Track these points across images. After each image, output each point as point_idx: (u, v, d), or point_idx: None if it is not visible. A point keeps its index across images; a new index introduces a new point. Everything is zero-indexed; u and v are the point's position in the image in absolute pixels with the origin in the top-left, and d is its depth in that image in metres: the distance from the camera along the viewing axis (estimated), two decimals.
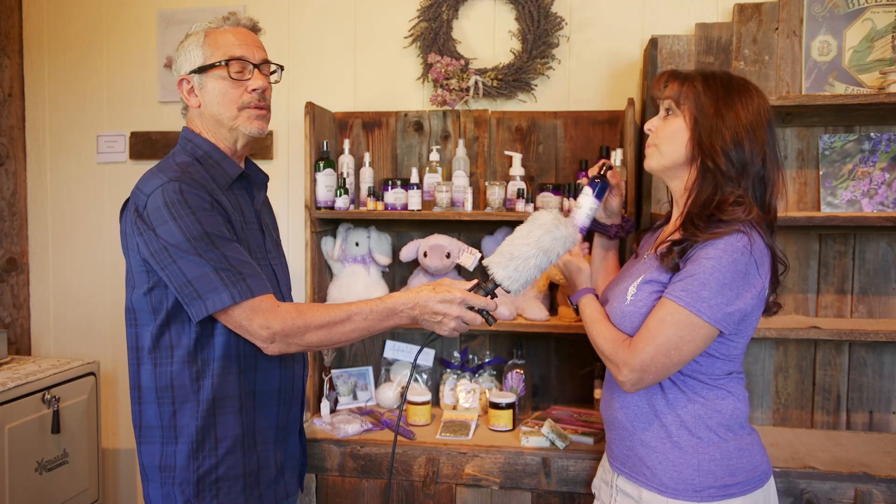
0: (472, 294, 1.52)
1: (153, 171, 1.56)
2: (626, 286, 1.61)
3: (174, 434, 1.57)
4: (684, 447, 1.54)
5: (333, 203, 2.49)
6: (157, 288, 1.54)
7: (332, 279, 2.64)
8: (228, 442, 1.59)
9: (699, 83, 1.54)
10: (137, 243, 1.52)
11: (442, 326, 1.53)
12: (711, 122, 1.51)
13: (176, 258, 1.47)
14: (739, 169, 1.50)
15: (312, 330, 1.50)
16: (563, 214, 1.58)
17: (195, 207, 1.49)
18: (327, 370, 2.57)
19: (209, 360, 1.57)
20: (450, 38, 2.67)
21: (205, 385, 1.57)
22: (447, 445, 2.24)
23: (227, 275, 1.47)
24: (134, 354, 1.61)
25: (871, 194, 2.35)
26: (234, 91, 1.61)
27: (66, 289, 3.05)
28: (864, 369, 2.42)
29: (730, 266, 1.44)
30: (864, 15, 2.32)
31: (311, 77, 2.79)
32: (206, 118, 1.64)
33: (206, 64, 1.60)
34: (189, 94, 1.64)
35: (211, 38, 1.62)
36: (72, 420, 2.61)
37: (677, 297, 1.45)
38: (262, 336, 1.50)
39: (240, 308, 1.48)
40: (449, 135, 2.68)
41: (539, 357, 2.67)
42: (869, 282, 2.41)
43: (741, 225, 1.47)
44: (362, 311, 1.52)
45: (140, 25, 2.92)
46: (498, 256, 1.54)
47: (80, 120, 2.99)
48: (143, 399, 1.60)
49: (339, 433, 2.32)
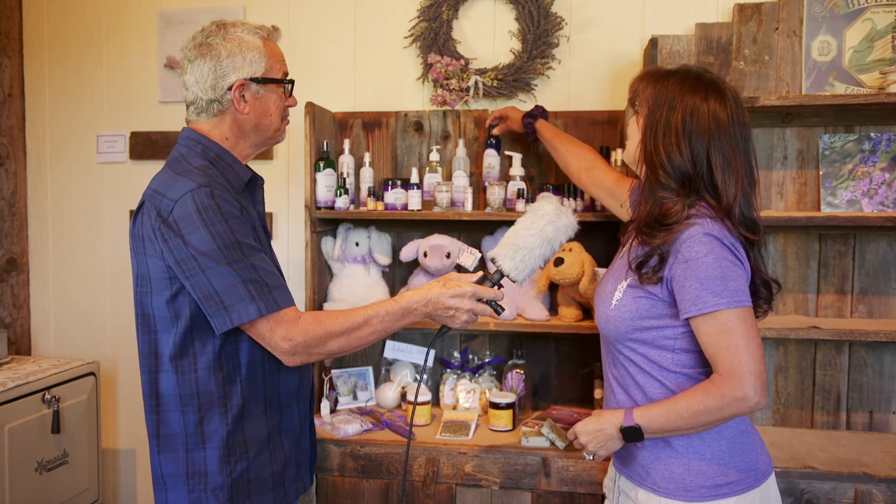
0: (481, 287, 1.57)
1: (172, 175, 1.52)
2: (611, 289, 1.61)
3: (202, 440, 1.56)
4: (675, 446, 1.54)
5: (333, 203, 2.48)
6: (181, 295, 1.52)
7: (332, 279, 2.64)
8: (257, 444, 1.60)
9: (651, 87, 1.56)
10: (162, 250, 1.49)
11: (454, 320, 1.58)
12: (655, 130, 1.53)
13: (205, 268, 1.45)
14: (680, 182, 1.51)
15: (333, 338, 1.52)
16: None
17: (227, 214, 1.47)
18: (327, 370, 2.57)
19: (236, 365, 1.57)
20: (450, 38, 2.67)
21: (233, 390, 1.56)
22: (447, 445, 2.24)
23: (254, 287, 1.46)
24: (151, 362, 1.58)
25: (871, 194, 2.35)
26: (282, 104, 1.65)
27: (65, 289, 3.04)
28: (864, 369, 2.42)
29: (721, 249, 1.44)
30: (864, 15, 2.32)
31: (311, 77, 2.78)
32: (244, 125, 1.61)
33: (270, 77, 1.60)
34: (240, 99, 1.59)
35: (268, 49, 1.62)
36: (72, 420, 2.61)
37: (716, 304, 1.43)
38: (284, 349, 1.50)
39: (264, 320, 1.48)
40: (449, 135, 2.67)
41: (539, 357, 2.67)
42: (869, 282, 2.41)
43: (696, 217, 1.48)
44: (378, 314, 1.54)
45: (140, 25, 2.92)
46: (503, 248, 1.58)
47: (80, 120, 2.99)
48: (163, 407, 1.58)
49: (340, 433, 2.32)
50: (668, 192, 1.52)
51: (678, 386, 1.53)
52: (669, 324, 1.52)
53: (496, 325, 2.39)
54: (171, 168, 1.56)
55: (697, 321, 1.46)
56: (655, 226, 1.50)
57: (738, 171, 1.51)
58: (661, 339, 1.54)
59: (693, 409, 1.45)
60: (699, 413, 1.45)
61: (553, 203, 1.58)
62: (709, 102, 1.51)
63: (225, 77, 1.57)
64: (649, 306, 1.53)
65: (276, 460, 1.64)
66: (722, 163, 1.50)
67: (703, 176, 1.51)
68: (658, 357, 1.55)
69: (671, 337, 1.53)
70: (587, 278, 2.34)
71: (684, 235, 1.46)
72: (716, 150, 1.50)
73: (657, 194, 1.53)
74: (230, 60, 1.57)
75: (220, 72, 1.57)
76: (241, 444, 1.58)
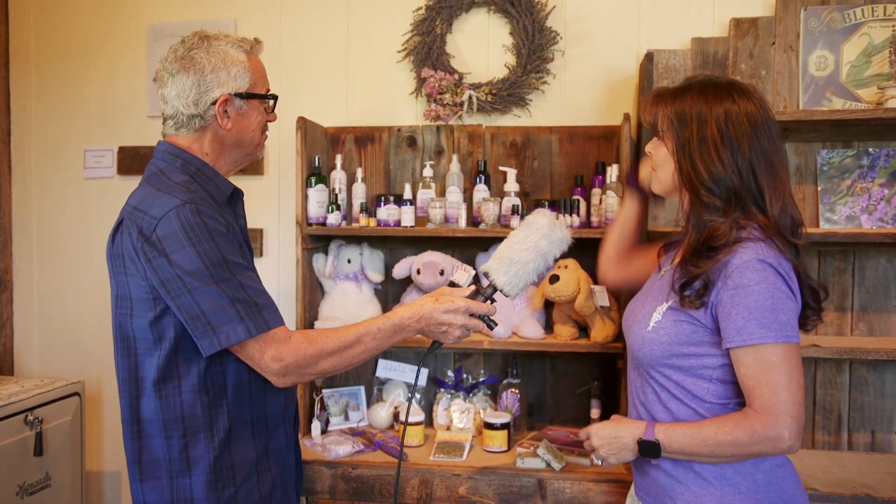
0: (474, 301, 1.55)
1: (153, 191, 1.48)
2: (648, 310, 1.54)
3: (187, 466, 1.52)
4: (708, 478, 1.46)
5: (325, 219, 2.47)
6: (165, 316, 1.48)
7: (324, 297, 2.62)
8: (245, 468, 1.56)
9: (670, 106, 1.49)
10: (145, 269, 1.44)
11: (447, 336, 1.56)
12: (689, 148, 1.46)
13: (191, 288, 1.41)
14: (726, 198, 1.44)
15: (325, 357, 1.49)
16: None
17: (214, 231, 1.44)
18: (318, 389, 2.54)
19: (222, 387, 1.53)
20: (443, 53, 2.66)
21: (220, 413, 1.52)
22: (441, 467, 2.21)
23: (242, 306, 1.43)
24: (132, 386, 1.53)
25: (870, 210, 2.34)
26: (264, 120, 1.62)
27: (51, 307, 3.00)
28: (865, 388, 2.40)
29: (775, 278, 1.38)
30: (862, 30, 2.32)
31: (302, 91, 2.77)
32: (225, 140, 1.58)
33: (255, 92, 1.58)
34: (223, 115, 1.55)
35: (252, 63, 1.58)
36: (55, 442, 2.56)
37: (763, 336, 1.36)
38: (274, 369, 1.47)
39: (254, 341, 1.45)
40: (443, 150, 2.66)
41: (534, 376, 2.64)
42: (869, 299, 2.39)
43: (747, 241, 1.42)
44: (370, 331, 1.52)
45: (130, 39, 2.90)
46: (497, 262, 1.56)
47: (67, 134, 2.96)
48: (144, 433, 1.53)
49: (331, 455, 2.29)
50: (715, 214, 1.45)
51: (712, 416, 1.47)
52: (710, 352, 1.45)
53: (490, 344, 2.36)
54: (151, 184, 1.51)
55: (739, 352, 1.39)
56: (702, 251, 1.43)
57: (779, 169, 1.46)
58: (699, 367, 1.47)
59: (720, 438, 1.39)
60: (725, 444, 1.39)
61: (547, 216, 1.56)
62: (739, 104, 1.45)
63: (209, 92, 1.53)
64: (690, 332, 1.46)
65: (263, 484, 1.61)
66: (764, 163, 1.44)
67: (749, 184, 1.44)
68: (693, 386, 1.48)
69: (710, 366, 1.46)
70: (583, 295, 2.31)
71: (736, 260, 1.39)
72: (756, 153, 1.44)
73: (703, 218, 1.46)
74: (214, 75, 1.52)
75: (204, 87, 1.53)
76: (228, 468, 1.54)
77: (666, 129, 1.51)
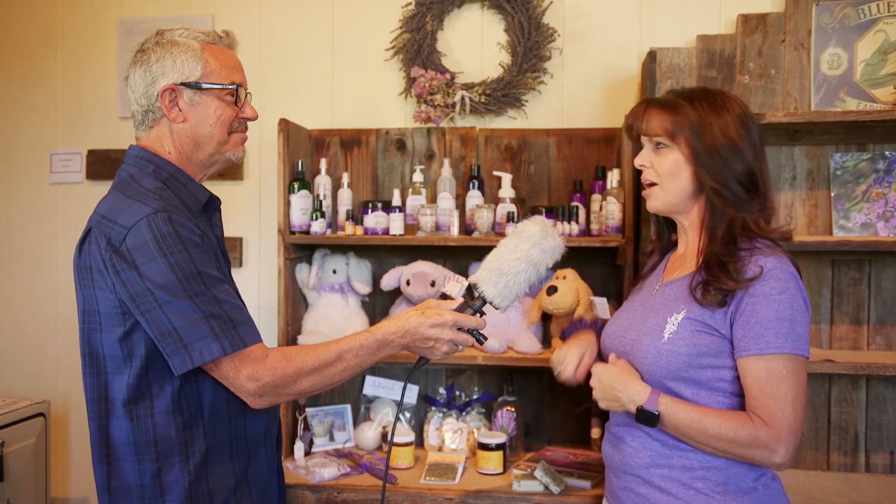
0: (462, 315, 1.53)
1: (123, 199, 1.44)
2: (658, 321, 1.54)
3: (160, 492, 1.47)
4: (707, 492, 1.48)
5: (309, 227, 2.44)
6: (135, 332, 1.44)
7: (308, 309, 2.59)
8: (223, 494, 1.52)
9: (688, 110, 1.52)
10: (113, 282, 1.40)
11: (434, 351, 1.54)
12: (712, 152, 1.50)
13: (163, 302, 1.37)
14: (749, 186, 1.50)
15: (304, 376, 1.46)
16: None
17: (188, 242, 1.40)
18: (301, 409, 2.52)
19: (198, 408, 1.49)
20: (434, 51, 2.64)
21: (195, 435, 1.48)
22: (432, 490, 2.19)
23: (217, 322, 1.40)
24: (100, 407, 1.48)
25: (886, 217, 2.30)
26: (229, 114, 1.55)
27: (13, 321, 2.96)
28: (883, 406, 2.36)
29: (796, 291, 1.43)
30: (877, 26, 2.29)
31: (284, 92, 2.74)
32: (183, 136, 1.53)
33: (207, 81, 1.51)
34: (171, 106, 1.51)
35: (210, 53, 1.53)
36: (17, 466, 2.51)
37: (780, 346, 1.39)
38: (250, 390, 1.43)
39: (229, 359, 1.41)
40: (434, 154, 2.63)
41: (531, 393, 2.61)
42: (886, 311, 2.36)
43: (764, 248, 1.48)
44: (352, 348, 1.50)
45: (99, 35, 2.86)
46: (486, 273, 1.53)
47: (30, 136, 2.92)
48: (114, 457, 1.48)
49: (315, 478, 2.26)
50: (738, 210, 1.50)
51: None
52: (728, 364, 1.47)
53: (485, 359, 2.33)
54: (121, 191, 1.47)
55: (750, 360, 1.42)
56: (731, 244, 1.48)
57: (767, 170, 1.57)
58: (715, 380, 1.47)
59: (721, 431, 1.42)
60: (724, 439, 1.42)
61: (539, 224, 1.53)
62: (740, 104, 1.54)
63: (155, 83, 1.51)
64: (709, 342, 1.46)
65: None
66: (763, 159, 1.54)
67: (759, 183, 1.51)
68: (708, 399, 1.48)
69: (727, 379, 1.47)
70: (583, 307, 2.29)
71: (756, 267, 1.44)
72: (761, 149, 1.53)
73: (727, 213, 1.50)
74: (159, 65, 1.50)
75: (150, 77, 1.51)
76: (205, 494, 1.49)
77: (682, 132, 1.52)
